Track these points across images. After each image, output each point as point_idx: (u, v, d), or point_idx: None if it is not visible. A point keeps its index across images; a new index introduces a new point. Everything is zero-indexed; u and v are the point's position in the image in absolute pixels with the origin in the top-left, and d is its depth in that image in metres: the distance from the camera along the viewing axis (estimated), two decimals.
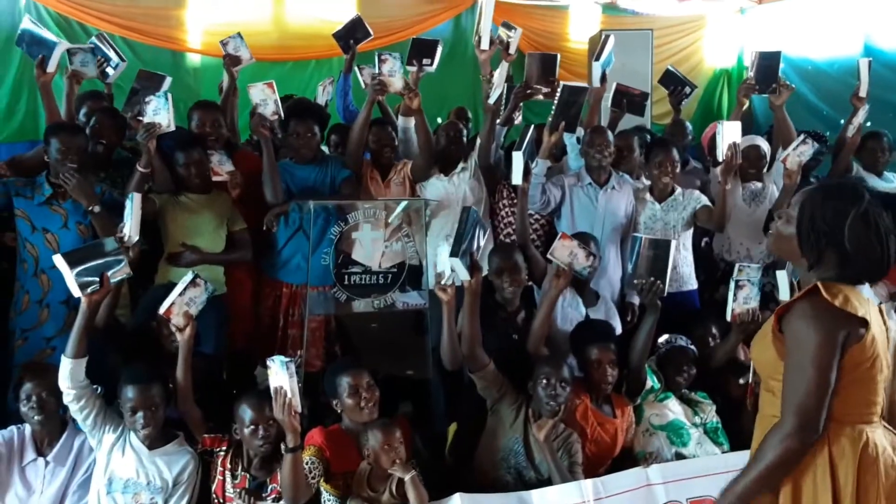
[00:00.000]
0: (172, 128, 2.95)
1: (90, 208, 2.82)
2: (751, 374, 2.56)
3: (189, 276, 2.50)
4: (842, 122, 4.01)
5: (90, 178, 2.96)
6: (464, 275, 2.52)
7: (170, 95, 2.97)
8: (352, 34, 4.19)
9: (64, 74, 3.40)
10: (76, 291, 2.32)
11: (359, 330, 3.29)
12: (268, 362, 2.28)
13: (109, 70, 3.65)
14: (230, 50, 3.62)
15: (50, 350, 2.83)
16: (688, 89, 4.42)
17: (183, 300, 2.45)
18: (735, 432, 2.90)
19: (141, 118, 2.93)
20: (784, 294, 3.02)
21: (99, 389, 2.44)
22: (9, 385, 2.77)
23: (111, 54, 3.66)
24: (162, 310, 2.46)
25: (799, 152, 3.32)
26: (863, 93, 3.83)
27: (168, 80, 3.31)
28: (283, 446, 2.25)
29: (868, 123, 4.19)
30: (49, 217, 2.86)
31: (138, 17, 5.99)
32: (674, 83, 4.43)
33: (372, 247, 3.15)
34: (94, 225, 2.86)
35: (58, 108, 3.17)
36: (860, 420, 1.68)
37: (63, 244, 2.82)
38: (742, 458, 2.39)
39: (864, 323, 1.63)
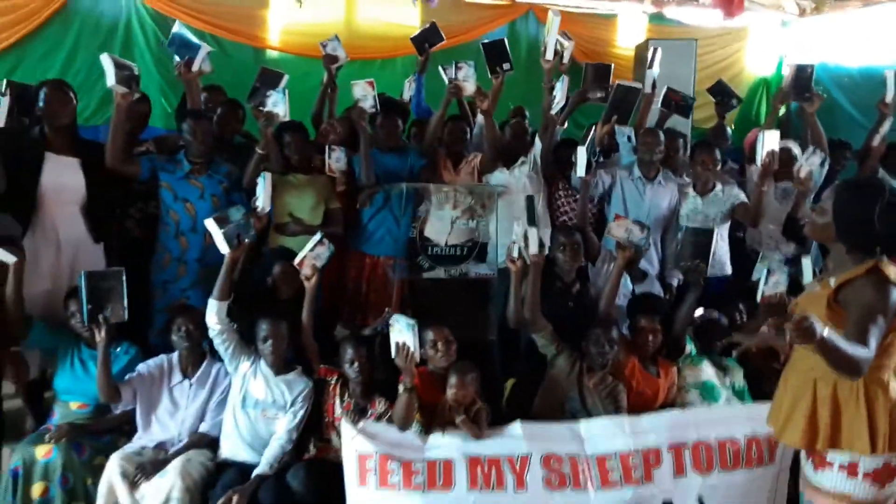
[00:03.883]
0: (288, 118, 3.51)
1: None
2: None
3: (318, 237, 3.05)
4: None
5: (218, 157, 3.54)
6: (534, 247, 3.01)
7: (287, 91, 3.53)
8: (427, 38, 4.70)
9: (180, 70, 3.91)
10: (224, 248, 2.88)
11: (432, 295, 3.80)
12: (391, 322, 2.82)
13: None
14: (329, 50, 4.16)
15: (185, 299, 3.37)
16: (734, 101, 4.84)
17: (312, 255, 3.01)
18: (758, 396, 3.35)
19: (261, 109, 3.49)
20: (808, 278, 3.48)
21: (236, 326, 3.01)
22: (152, 326, 3.40)
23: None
24: (296, 261, 3.03)
25: (810, 162, 3.77)
26: (888, 99, 4.24)
27: (286, 78, 3.84)
28: (400, 386, 2.78)
29: None
30: (189, 189, 3.42)
31: (225, 15, 6.55)
32: (722, 94, 4.84)
33: (448, 225, 3.67)
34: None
35: (199, 100, 3.73)
36: (886, 371, 2.12)
37: (200, 212, 3.37)
38: (763, 408, 2.90)
39: None
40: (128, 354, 3.15)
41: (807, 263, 3.52)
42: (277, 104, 3.44)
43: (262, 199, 3.05)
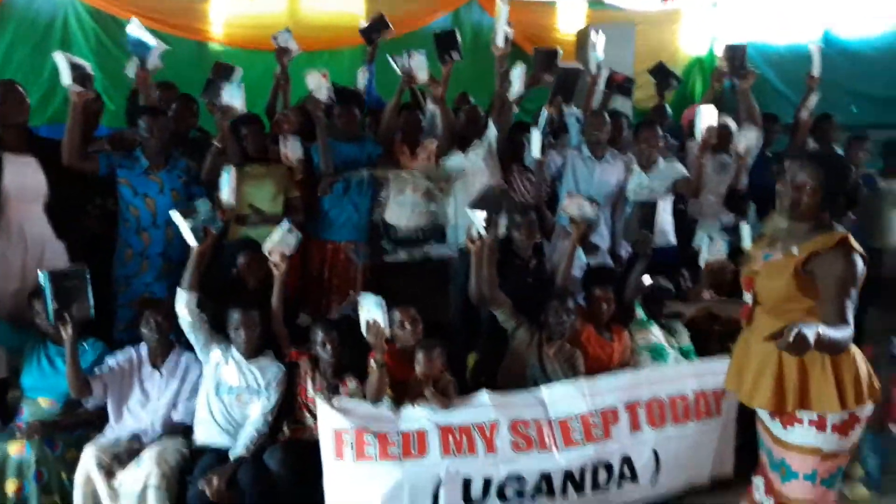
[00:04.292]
0: (244, 110, 3.55)
1: None
2: (750, 299, 2.41)
3: (286, 225, 3.12)
4: None
5: (175, 151, 3.57)
6: (480, 226, 3.12)
7: (242, 84, 3.57)
8: (375, 29, 4.78)
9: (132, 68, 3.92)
10: (192, 240, 2.93)
11: (395, 277, 3.91)
12: (360, 300, 2.90)
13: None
14: (280, 43, 4.20)
15: (149, 293, 3.40)
16: (674, 82, 5.08)
17: (280, 243, 3.08)
18: (702, 354, 3.56)
19: (215, 103, 3.52)
20: (747, 244, 3.73)
21: (205, 317, 3.07)
22: (115, 321, 3.42)
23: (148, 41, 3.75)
24: (265, 249, 3.09)
25: (747, 137, 4.03)
26: (815, 73, 4.53)
27: (239, 71, 3.86)
28: (372, 362, 2.88)
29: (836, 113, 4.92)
30: (148, 184, 3.44)
31: (167, 10, 6.45)
32: (662, 75, 5.08)
33: (409, 208, 3.78)
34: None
35: (153, 97, 3.74)
36: None
37: (160, 207, 3.41)
38: (707, 365, 3.14)
39: (865, 260, 2.17)
40: (95, 350, 3.17)
41: (745, 230, 3.77)
42: (233, 97, 3.48)
43: (227, 193, 3.10)
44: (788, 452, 2.25)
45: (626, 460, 2.99)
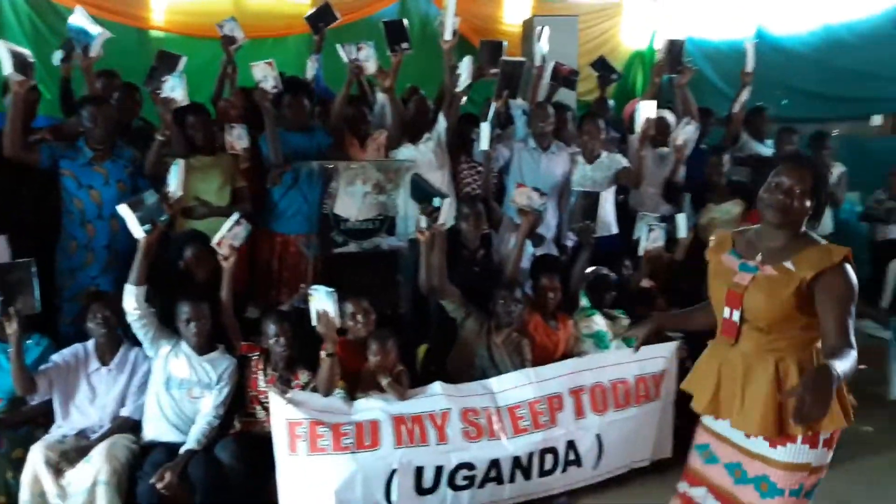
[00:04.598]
0: (186, 102, 3.50)
1: None
2: (737, 317, 2.10)
3: (235, 217, 3.11)
4: None
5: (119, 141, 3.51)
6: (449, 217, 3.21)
7: (184, 75, 3.52)
8: (321, 18, 4.75)
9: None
10: (138, 232, 2.90)
11: (345, 269, 3.93)
12: (310, 291, 2.93)
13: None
14: (226, 32, 4.15)
15: (95, 286, 3.34)
16: (615, 76, 5.23)
17: (230, 235, 3.07)
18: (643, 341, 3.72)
19: (159, 93, 3.47)
20: (683, 233, 3.91)
21: (153, 311, 3.04)
22: (60, 316, 3.36)
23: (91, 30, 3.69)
24: (214, 242, 3.08)
25: (686, 131, 4.20)
26: (749, 69, 4.73)
27: (183, 60, 3.78)
28: (322, 353, 2.91)
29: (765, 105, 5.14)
30: (93, 176, 3.38)
31: None
32: (603, 69, 5.22)
33: (359, 200, 3.81)
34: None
35: (95, 86, 3.65)
36: None
37: (106, 198, 3.36)
38: (647, 351, 3.26)
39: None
40: (40, 346, 3.13)
41: (681, 220, 3.95)
42: (175, 89, 3.43)
43: (175, 186, 3.07)
44: (774, 470, 2.09)
45: (571, 445, 3.11)
